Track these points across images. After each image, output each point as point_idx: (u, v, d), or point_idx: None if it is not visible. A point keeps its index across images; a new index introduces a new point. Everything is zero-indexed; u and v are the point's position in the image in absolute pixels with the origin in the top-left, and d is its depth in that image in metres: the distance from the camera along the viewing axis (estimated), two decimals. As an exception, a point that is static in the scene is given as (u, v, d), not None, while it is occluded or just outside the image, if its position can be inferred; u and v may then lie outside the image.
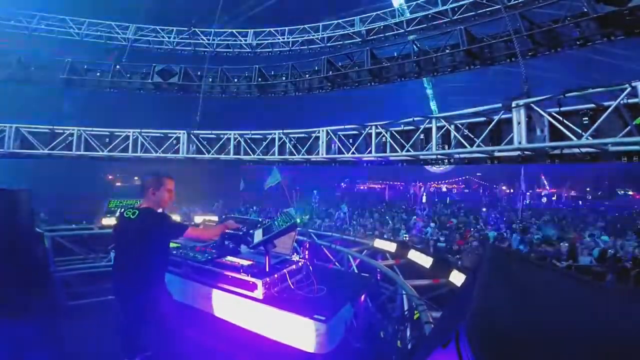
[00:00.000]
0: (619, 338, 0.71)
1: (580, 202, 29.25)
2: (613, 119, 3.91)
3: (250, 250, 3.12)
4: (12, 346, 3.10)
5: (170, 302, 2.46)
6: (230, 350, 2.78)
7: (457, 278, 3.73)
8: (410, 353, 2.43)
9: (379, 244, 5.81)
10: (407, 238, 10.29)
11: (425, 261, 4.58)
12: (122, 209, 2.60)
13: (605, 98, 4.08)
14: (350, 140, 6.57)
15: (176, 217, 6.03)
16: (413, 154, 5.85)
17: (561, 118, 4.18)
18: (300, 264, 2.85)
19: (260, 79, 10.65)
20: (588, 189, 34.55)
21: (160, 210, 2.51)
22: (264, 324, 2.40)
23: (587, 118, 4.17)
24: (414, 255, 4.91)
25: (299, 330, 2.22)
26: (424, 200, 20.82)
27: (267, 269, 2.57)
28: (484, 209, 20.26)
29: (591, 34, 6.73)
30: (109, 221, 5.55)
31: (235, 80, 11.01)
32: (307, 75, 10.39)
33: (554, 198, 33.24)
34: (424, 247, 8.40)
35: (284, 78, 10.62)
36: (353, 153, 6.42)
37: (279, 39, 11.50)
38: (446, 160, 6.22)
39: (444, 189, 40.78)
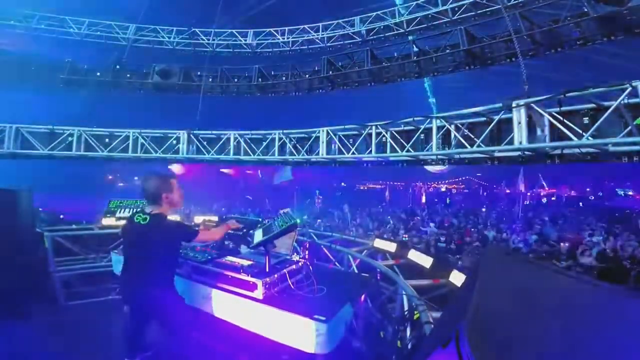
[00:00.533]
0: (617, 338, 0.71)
1: (580, 202, 29.22)
2: (613, 119, 3.90)
3: (250, 250, 3.12)
4: (12, 346, 3.10)
5: (181, 305, 2.45)
6: (230, 350, 2.78)
7: (457, 278, 3.72)
8: (410, 353, 2.44)
9: (379, 244, 5.80)
10: (407, 238, 10.29)
11: (425, 261, 4.58)
12: (133, 211, 2.52)
13: (606, 98, 4.08)
14: (351, 140, 6.57)
15: (176, 217, 6.02)
16: (413, 154, 5.85)
17: (562, 118, 4.17)
18: (300, 264, 2.85)
19: (260, 79, 10.66)
20: (588, 189, 34.47)
21: (173, 211, 2.50)
22: (264, 324, 2.39)
23: (587, 118, 4.17)
24: (414, 255, 4.90)
25: (299, 331, 2.22)
26: (423, 200, 20.79)
27: (267, 269, 2.56)
28: (484, 209, 20.23)
29: (591, 34, 6.73)
30: (109, 221, 5.53)
31: (235, 80, 11.02)
32: (307, 75, 10.40)
33: (553, 198, 33.21)
34: (424, 247, 8.40)
35: (284, 78, 10.63)
36: (353, 153, 6.42)
37: (279, 39, 11.50)
38: (446, 161, 6.21)
39: (444, 189, 40.71)
